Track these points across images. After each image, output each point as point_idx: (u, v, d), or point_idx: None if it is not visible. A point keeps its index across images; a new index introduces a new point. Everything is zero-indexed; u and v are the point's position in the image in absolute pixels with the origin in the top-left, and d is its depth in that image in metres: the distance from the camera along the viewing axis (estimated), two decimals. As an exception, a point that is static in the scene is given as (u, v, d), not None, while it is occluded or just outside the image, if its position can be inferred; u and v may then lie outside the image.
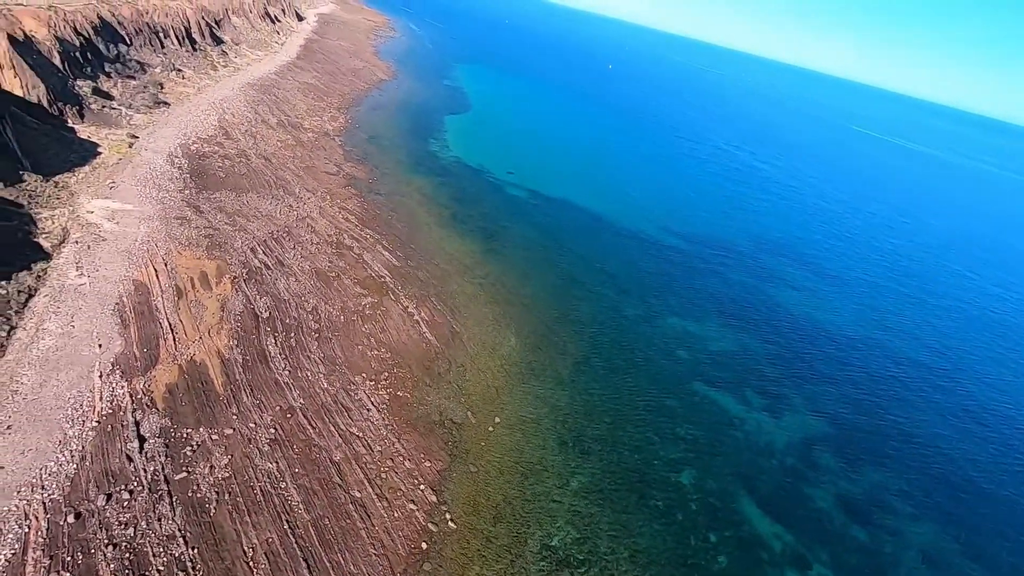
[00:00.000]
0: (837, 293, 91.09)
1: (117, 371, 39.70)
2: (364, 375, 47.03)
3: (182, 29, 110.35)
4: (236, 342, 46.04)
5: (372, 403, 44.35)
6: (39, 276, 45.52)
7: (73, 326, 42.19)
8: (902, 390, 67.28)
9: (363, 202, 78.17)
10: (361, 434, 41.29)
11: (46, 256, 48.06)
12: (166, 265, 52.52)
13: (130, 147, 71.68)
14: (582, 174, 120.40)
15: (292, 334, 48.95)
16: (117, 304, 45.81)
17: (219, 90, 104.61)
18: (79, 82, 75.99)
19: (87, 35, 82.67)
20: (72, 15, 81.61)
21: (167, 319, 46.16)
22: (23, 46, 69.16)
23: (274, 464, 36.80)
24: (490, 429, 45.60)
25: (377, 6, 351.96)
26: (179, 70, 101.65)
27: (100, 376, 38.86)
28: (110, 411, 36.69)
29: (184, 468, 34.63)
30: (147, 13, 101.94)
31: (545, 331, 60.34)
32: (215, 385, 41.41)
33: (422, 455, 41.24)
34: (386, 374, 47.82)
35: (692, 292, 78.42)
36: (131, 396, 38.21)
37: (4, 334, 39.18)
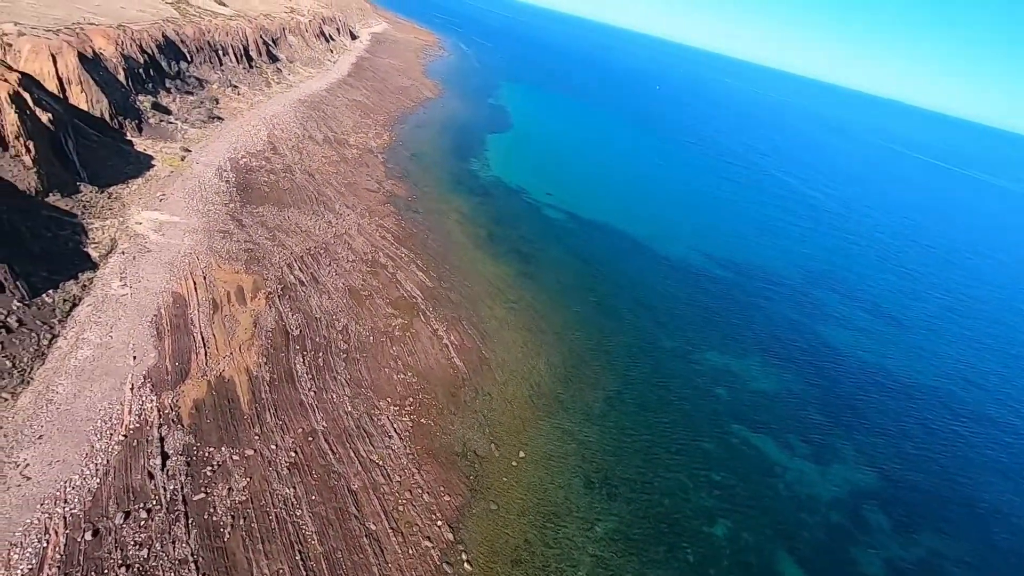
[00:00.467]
0: (893, 335, 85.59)
1: (148, 384, 40.19)
2: (389, 399, 46.29)
3: (240, 47, 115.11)
4: (265, 359, 46.15)
5: (395, 430, 43.46)
6: (85, 286, 46.96)
7: (111, 336, 43.13)
8: (964, 447, 61.94)
9: (401, 220, 78.54)
10: (381, 462, 40.37)
11: (93, 266, 49.66)
12: (205, 278, 53.53)
13: (182, 160, 74.34)
14: (622, 197, 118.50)
15: (321, 353, 48.81)
16: (155, 316, 46.73)
17: (271, 106, 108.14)
18: (140, 97, 79.72)
19: (151, 53, 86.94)
20: (139, 34, 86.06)
21: (201, 333, 46.76)
22: (91, 63, 73.06)
23: (291, 489, 36.20)
24: (514, 464, 43.97)
25: (429, 25, 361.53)
26: (235, 86, 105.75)
27: (131, 388, 39.38)
28: (137, 425, 37.00)
29: (203, 488, 34.39)
30: (208, 32, 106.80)
31: (576, 361, 58.48)
32: (241, 403, 41.40)
33: (442, 488, 39.95)
34: (411, 399, 46.96)
35: (734, 326, 75.02)
36: (159, 411, 38.50)
37: (46, 342, 40.30)
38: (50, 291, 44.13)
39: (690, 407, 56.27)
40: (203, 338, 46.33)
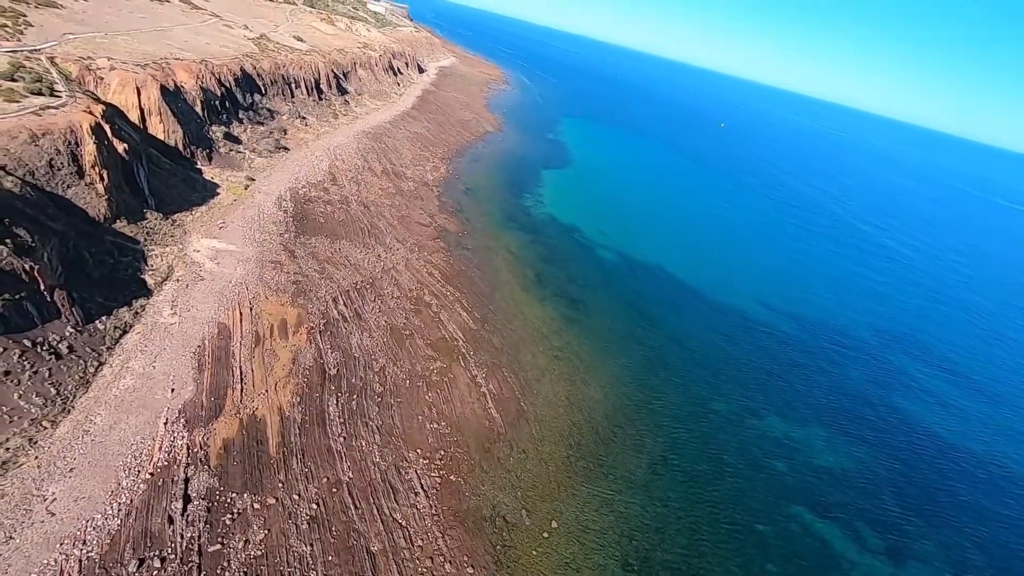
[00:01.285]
0: (982, 412, 76.37)
1: (182, 419, 39.98)
2: (419, 451, 44.30)
3: (312, 80, 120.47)
4: (299, 399, 45.37)
5: (422, 486, 41.27)
6: (137, 312, 48.10)
7: (154, 367, 43.57)
8: (1074, 556, 53.19)
9: (449, 256, 77.85)
10: (405, 523, 38.15)
11: (148, 292, 51.00)
12: (251, 310, 54.00)
13: (246, 189, 77.00)
14: (680, 241, 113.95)
15: (355, 396, 47.64)
16: (199, 347, 47.11)
17: (336, 137, 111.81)
18: (214, 127, 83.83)
19: (228, 85, 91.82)
20: (219, 68, 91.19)
21: (240, 367, 46.68)
22: (172, 95, 77.53)
23: (309, 547, 34.47)
24: (545, 535, 40.68)
25: (495, 59, 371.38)
26: (303, 117, 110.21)
27: (165, 423, 39.24)
28: (165, 463, 36.56)
29: (219, 539, 33.21)
30: (283, 66, 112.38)
31: (621, 420, 54.75)
32: (269, 446, 40.48)
33: (465, 558, 37.18)
34: (442, 453, 44.77)
35: (797, 391, 68.95)
36: (188, 449, 38.04)
37: (92, 370, 41.03)
38: (103, 317, 45.33)
39: (744, 482, 51.19)
40: (241, 372, 46.19)
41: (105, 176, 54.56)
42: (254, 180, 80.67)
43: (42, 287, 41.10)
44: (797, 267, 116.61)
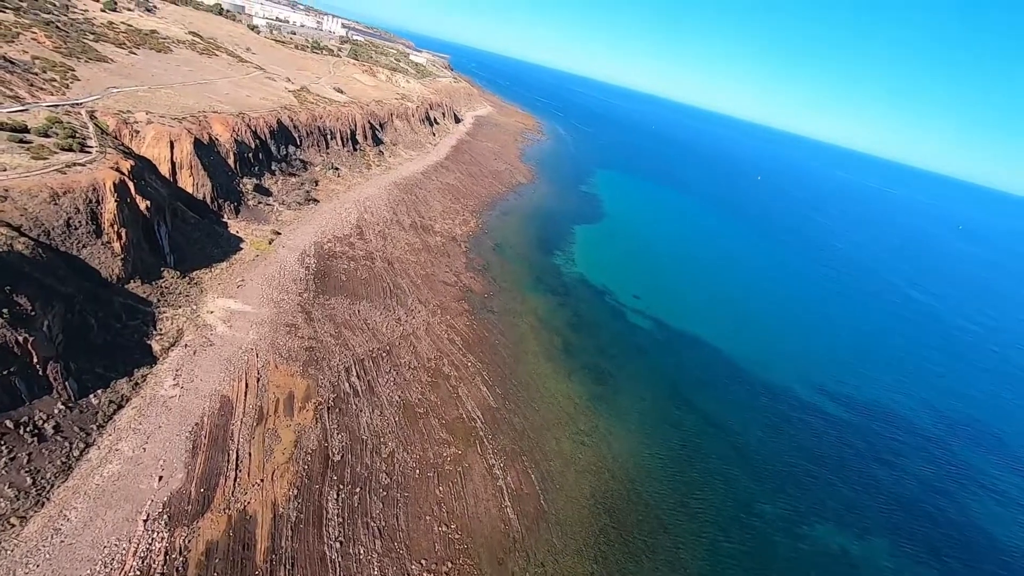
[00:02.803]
0: (1072, 523, 66.65)
1: (164, 516, 36.10)
2: (424, 562, 39.18)
3: (348, 131, 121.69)
4: (296, 491, 41.14)
5: (423, 609, 36.04)
6: (137, 384, 45.27)
7: (144, 449, 40.20)
8: None
9: (473, 320, 74.06)
10: (399, 659, 32.85)
11: (152, 360, 48.36)
12: (258, 381, 50.76)
13: (270, 243, 75.55)
14: (718, 306, 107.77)
15: (358, 489, 43.16)
16: (196, 425, 43.74)
17: (367, 188, 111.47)
18: (244, 179, 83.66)
19: (264, 138, 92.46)
20: (256, 121, 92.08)
21: (237, 450, 42.97)
22: (206, 148, 77.71)
23: None
24: None
25: (531, 109, 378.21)
26: (336, 168, 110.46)
27: (145, 520, 35.40)
28: (138, 572, 32.47)
29: (183, 678, 28.58)
30: (321, 118, 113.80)
31: (654, 525, 48.56)
32: (256, 551, 36.09)
33: None
34: (449, 565, 39.53)
35: (854, 490, 61.34)
36: (166, 554, 33.95)
37: (77, 453, 37.85)
38: (99, 391, 42.52)
39: (798, 613, 44.01)
40: (238, 456, 42.43)
41: (123, 235, 53.17)
42: (279, 234, 79.40)
43: (35, 360, 38.60)
44: (846, 340, 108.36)
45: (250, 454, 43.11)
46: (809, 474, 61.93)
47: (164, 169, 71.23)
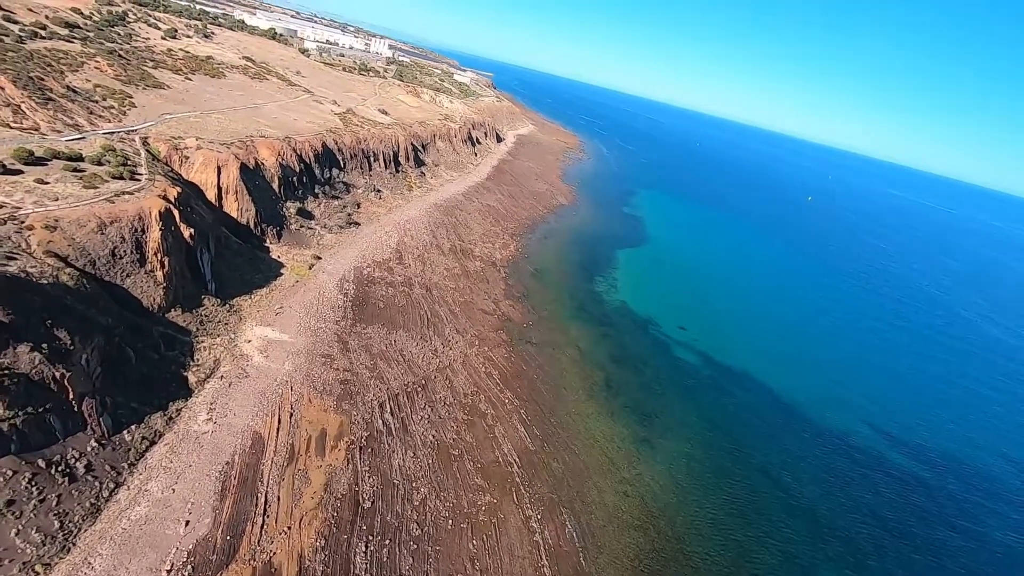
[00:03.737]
0: None
1: (188, 566, 34.66)
2: (454, 628, 36.40)
3: (391, 153, 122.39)
4: (324, 542, 39.15)
5: None
6: (171, 418, 44.60)
7: (173, 490, 39.13)
8: None
9: (511, 352, 71.50)
10: None
11: (187, 393, 47.77)
12: (291, 416, 49.50)
13: (310, 268, 75.34)
14: (770, 341, 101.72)
15: (388, 540, 40.88)
16: (226, 464, 42.57)
17: (408, 210, 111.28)
18: (288, 203, 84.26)
19: (308, 161, 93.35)
20: (301, 145, 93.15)
21: (266, 493, 41.47)
22: (251, 172, 78.63)
23: None
24: None
25: (573, 127, 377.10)
26: (378, 191, 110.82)
27: (169, 571, 34.02)
28: (157, 631, 30.96)
29: None
30: (364, 140, 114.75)
31: (705, 594, 44.31)
32: (279, 610, 34.14)
33: None
34: (481, 634, 36.60)
35: (929, 559, 55.10)
36: (187, 610, 32.38)
37: (107, 494, 37.01)
38: (133, 426, 41.91)
39: None
40: (266, 500, 40.90)
41: (166, 263, 53.33)
42: (320, 258, 79.25)
43: (71, 396, 38.23)
44: (912, 382, 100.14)
45: (279, 498, 41.54)
46: (874, 539, 56.06)
47: (211, 194, 72.19)
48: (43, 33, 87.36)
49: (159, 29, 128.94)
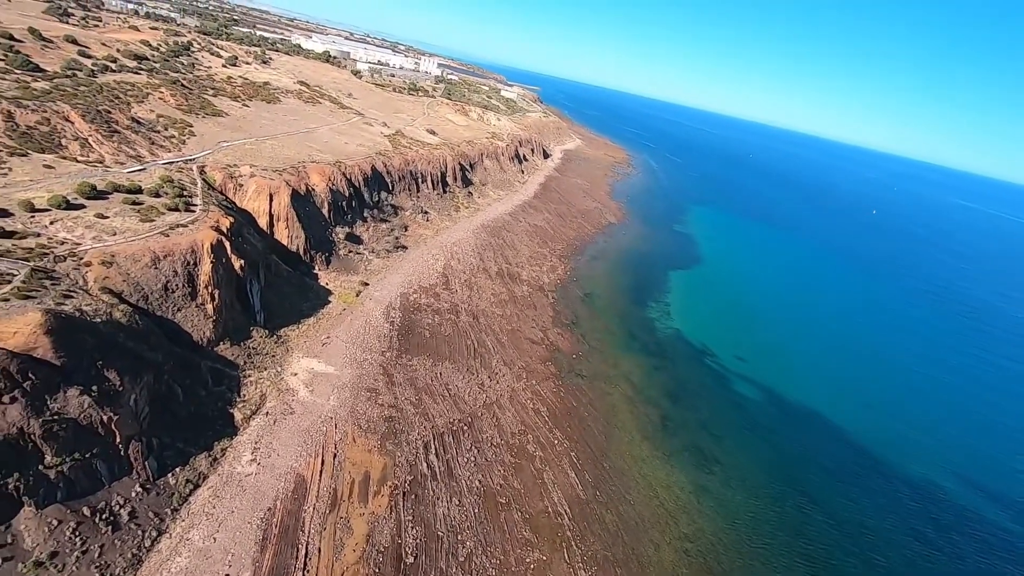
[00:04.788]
0: None
1: (226, 627, 33.16)
2: None
3: (438, 174, 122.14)
4: (364, 602, 37.05)
5: None
6: (215, 459, 43.85)
7: (214, 540, 37.99)
8: None
9: (560, 386, 68.32)
10: None
11: (233, 431, 47.08)
12: (335, 457, 48.04)
13: (357, 295, 74.79)
14: (839, 372, 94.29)
15: (431, 602, 38.39)
16: (268, 511, 41.27)
17: (455, 232, 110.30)
18: (337, 228, 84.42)
19: (358, 185, 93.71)
20: (351, 169, 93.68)
21: (307, 544, 39.82)
22: (302, 199, 79.13)
23: None
24: None
25: (620, 140, 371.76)
26: (426, 212, 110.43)
27: (206, 632, 32.61)
28: None
29: None
30: (413, 162, 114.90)
31: None
32: None
33: None
34: None
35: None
36: None
37: (149, 543, 36.16)
38: (178, 468, 41.27)
39: None
40: (307, 553, 39.22)
41: (217, 296, 53.32)
42: (367, 284, 78.72)
43: (118, 440, 37.84)
44: (1007, 423, 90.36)
45: (320, 550, 39.80)
46: (978, 614, 49.40)
47: (263, 222, 72.85)
48: (113, 66, 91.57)
49: (220, 57, 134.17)
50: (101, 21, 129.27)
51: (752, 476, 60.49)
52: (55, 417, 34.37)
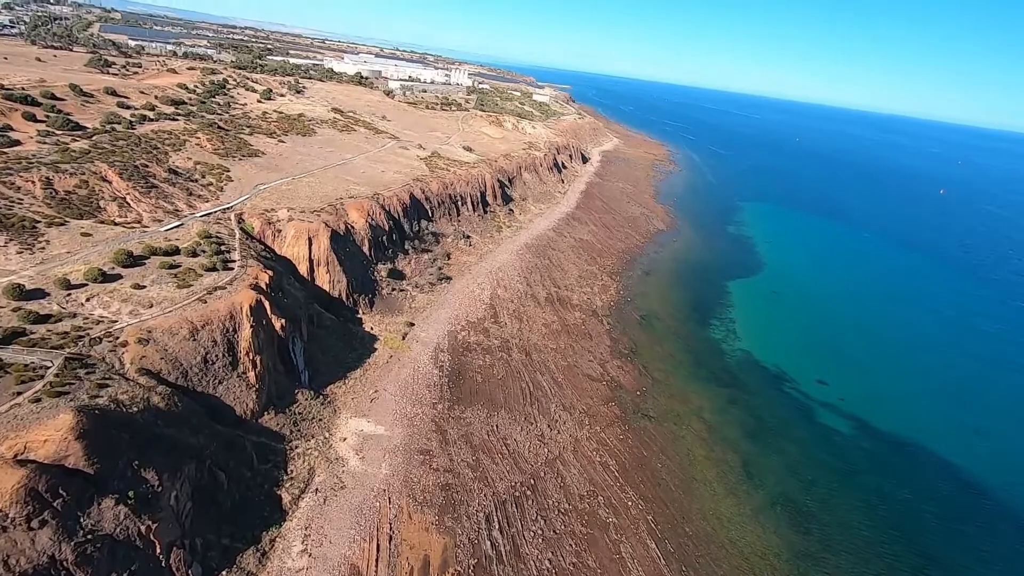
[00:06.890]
0: None
1: None
2: None
3: (478, 195, 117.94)
4: None
5: None
6: (264, 553, 40.33)
7: (266, 657, 34.29)
8: None
9: (627, 432, 62.45)
10: None
11: (281, 516, 43.59)
12: (390, 540, 43.89)
13: (403, 339, 71.05)
14: (938, 391, 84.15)
15: None
16: (322, 614, 37.36)
17: (499, 255, 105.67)
18: (379, 265, 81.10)
19: (397, 216, 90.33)
20: (389, 200, 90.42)
21: (366, 655, 35.64)
22: (341, 239, 76.07)
23: None
24: None
25: (659, 135, 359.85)
26: (468, 236, 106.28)
27: None
28: None
29: None
30: (451, 184, 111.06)
31: None
32: None
33: None
34: None
35: None
36: None
37: (195, 667, 32.72)
38: (224, 572, 37.87)
39: None
40: (367, 667, 35.00)
41: (259, 362, 50.27)
42: (413, 324, 74.98)
43: (158, 550, 34.65)
44: None
45: (380, 662, 35.53)
46: None
47: (303, 268, 70.10)
48: (151, 115, 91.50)
49: (255, 92, 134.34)
50: (141, 67, 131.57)
51: (856, 534, 52.96)
52: (89, 537, 31.33)
